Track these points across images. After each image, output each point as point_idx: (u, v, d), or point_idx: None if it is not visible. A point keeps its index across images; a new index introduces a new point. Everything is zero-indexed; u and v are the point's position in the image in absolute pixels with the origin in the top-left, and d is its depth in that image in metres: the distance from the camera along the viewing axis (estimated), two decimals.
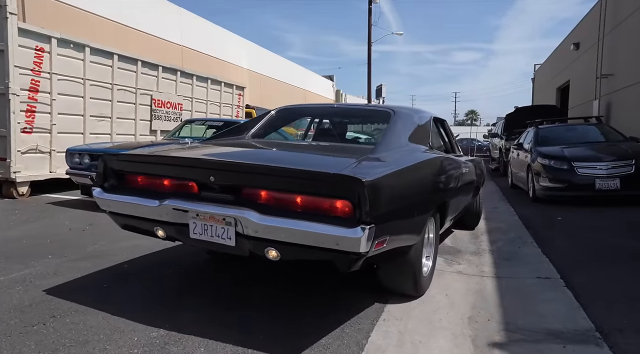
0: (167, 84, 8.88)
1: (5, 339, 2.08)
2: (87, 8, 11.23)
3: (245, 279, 3.04)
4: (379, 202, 1.95)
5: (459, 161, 3.66)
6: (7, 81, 5.78)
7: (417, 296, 2.69)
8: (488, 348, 2.10)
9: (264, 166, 2.18)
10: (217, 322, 2.30)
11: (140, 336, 2.13)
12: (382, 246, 2.01)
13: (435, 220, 2.94)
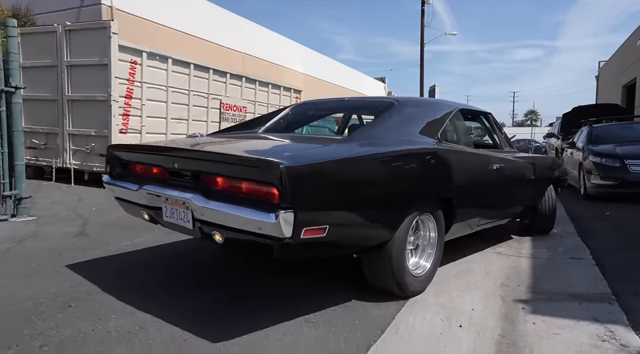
0: (233, 89, 9.82)
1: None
2: (163, 22, 12.59)
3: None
4: (303, 189, 1.92)
5: (489, 158, 3.33)
6: (109, 90, 6.89)
7: (404, 296, 2.56)
8: (514, 302, 2.56)
9: (205, 152, 2.40)
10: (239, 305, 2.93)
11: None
12: (320, 235, 1.99)
13: (437, 219, 2.76)
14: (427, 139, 2.83)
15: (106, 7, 11.24)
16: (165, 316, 2.24)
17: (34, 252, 3.39)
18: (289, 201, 1.84)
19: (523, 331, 2.18)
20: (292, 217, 1.83)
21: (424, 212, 2.65)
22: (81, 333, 2.06)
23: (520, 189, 3.89)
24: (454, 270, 3.15)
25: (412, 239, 2.65)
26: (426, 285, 2.73)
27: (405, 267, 2.52)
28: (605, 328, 2.18)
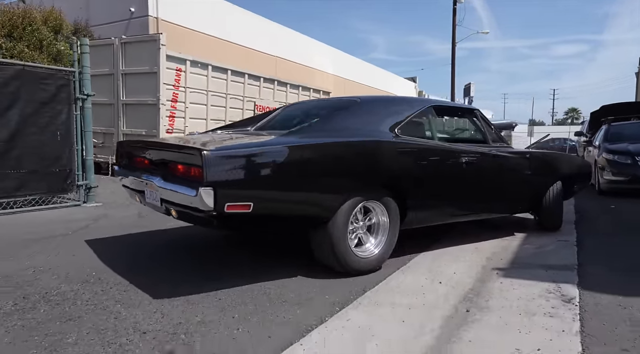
0: (266, 92, 10.63)
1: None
2: (201, 30, 13.62)
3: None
4: (222, 171, 2.30)
5: (458, 152, 3.47)
6: (158, 95, 7.82)
7: (347, 273, 2.84)
8: (491, 270, 3.11)
9: (165, 144, 3.01)
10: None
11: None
12: (245, 210, 2.37)
13: (387, 206, 3.01)
14: (380, 133, 3.07)
15: (152, 19, 12.34)
16: (155, 275, 2.97)
17: (107, 228, 4.23)
18: (208, 179, 2.25)
19: (489, 287, 2.75)
20: (212, 192, 2.25)
21: (369, 199, 2.91)
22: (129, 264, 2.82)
23: (508, 184, 3.95)
24: (449, 248, 3.72)
25: (361, 223, 2.95)
26: (377, 265, 2.99)
27: (346, 247, 2.79)
28: (556, 285, 2.72)
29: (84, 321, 2.13)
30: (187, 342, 1.95)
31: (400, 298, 2.55)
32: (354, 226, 2.93)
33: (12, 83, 4.78)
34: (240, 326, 2.11)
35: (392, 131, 3.15)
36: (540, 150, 5.29)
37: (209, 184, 2.25)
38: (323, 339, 2.01)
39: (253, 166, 2.47)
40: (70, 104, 5.33)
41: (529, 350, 1.90)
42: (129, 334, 2.00)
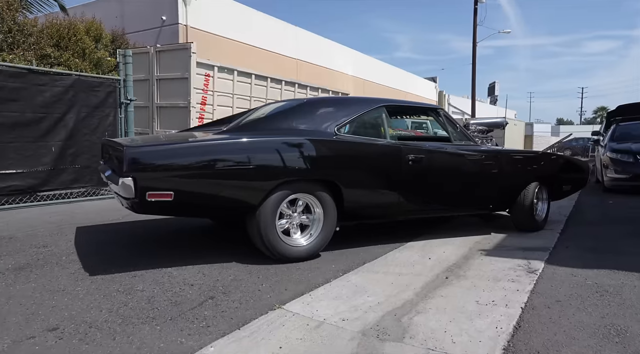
0: (287, 94, 11.27)
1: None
2: (227, 36, 14.41)
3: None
4: (141, 164, 2.67)
5: (403, 150, 3.50)
6: (189, 98, 8.57)
7: (280, 260, 3.08)
8: (477, 250, 3.63)
9: (112, 142, 3.33)
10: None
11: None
12: (167, 199, 2.71)
13: (320, 200, 3.17)
14: (316, 132, 3.23)
15: (182, 26, 13.19)
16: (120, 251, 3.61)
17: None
18: (128, 171, 2.63)
19: (470, 262, 3.29)
20: (132, 182, 2.60)
21: (298, 192, 3.10)
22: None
23: (468, 182, 3.94)
24: (444, 236, 4.25)
25: (295, 215, 3.17)
26: (308, 254, 3.18)
27: (275, 235, 3.02)
28: (527, 261, 3.24)
29: (145, 277, 2.79)
30: (224, 291, 2.58)
31: (393, 268, 3.12)
32: (287, 216, 3.16)
33: (69, 91, 5.56)
34: (264, 283, 2.73)
35: (332, 130, 3.29)
36: (517, 149, 5.27)
37: (128, 175, 2.63)
38: (327, 291, 2.61)
39: (173, 160, 2.80)
40: (116, 108, 6.10)
41: (486, 302, 2.45)
42: (181, 286, 2.65)
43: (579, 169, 4.93)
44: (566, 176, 4.70)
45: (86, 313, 2.23)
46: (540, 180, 4.31)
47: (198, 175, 2.83)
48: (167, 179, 2.75)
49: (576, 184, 4.90)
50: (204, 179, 2.85)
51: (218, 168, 2.88)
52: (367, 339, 2.01)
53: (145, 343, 1.94)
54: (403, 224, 4.34)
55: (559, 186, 4.60)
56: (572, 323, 2.13)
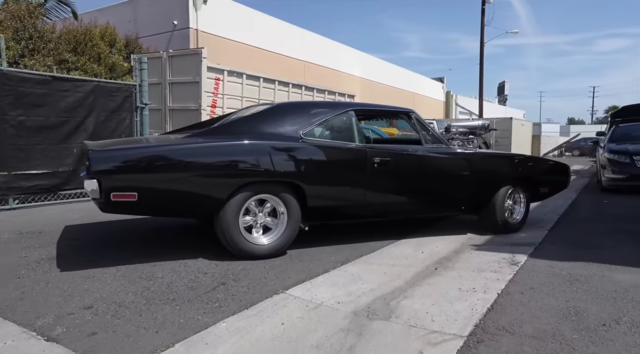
0: (295, 96, 11.59)
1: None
2: (236, 39, 14.80)
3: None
4: (105, 166, 2.83)
5: (368, 152, 3.60)
6: (200, 101, 8.93)
7: (240, 257, 3.21)
8: (468, 245, 3.90)
9: (85, 145, 3.44)
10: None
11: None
12: (131, 199, 2.86)
13: (284, 200, 3.30)
14: (280, 136, 3.37)
15: (193, 30, 13.60)
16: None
17: None
18: (92, 172, 2.82)
19: (460, 256, 3.57)
20: (97, 183, 2.78)
21: (263, 192, 3.25)
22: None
23: (435, 184, 4.01)
24: (438, 233, 4.52)
25: (260, 215, 3.30)
26: (276, 250, 3.33)
27: (238, 234, 3.16)
28: (512, 255, 3.51)
29: (164, 266, 3.13)
30: (234, 279, 2.90)
31: (387, 260, 3.42)
32: (253, 214, 3.29)
33: (89, 96, 5.94)
34: (269, 272, 3.05)
35: (298, 134, 3.42)
36: (490, 152, 5.30)
37: (93, 176, 2.82)
38: (326, 279, 2.92)
39: (135, 162, 2.96)
40: (132, 111, 6.48)
41: (467, 289, 2.74)
42: (195, 274, 2.98)
43: (557, 172, 4.91)
44: (543, 178, 4.68)
45: (115, 295, 2.57)
46: (513, 182, 4.33)
47: (161, 177, 2.99)
48: (130, 180, 2.91)
49: (555, 186, 4.86)
50: (167, 181, 3.00)
51: (180, 170, 3.02)
52: (358, 318, 2.31)
53: (167, 319, 2.27)
54: (401, 222, 4.63)
55: (535, 189, 4.57)
56: (539, 306, 2.42)
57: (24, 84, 5.31)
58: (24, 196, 5.38)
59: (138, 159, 3.01)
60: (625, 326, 2.13)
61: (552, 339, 2.00)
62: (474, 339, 2.03)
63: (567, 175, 4.95)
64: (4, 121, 5.15)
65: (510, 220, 4.39)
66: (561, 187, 4.93)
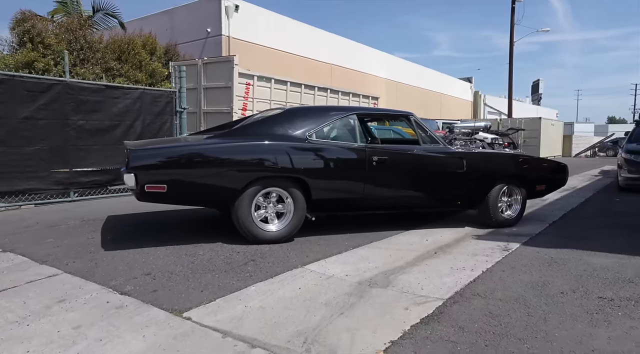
0: (320, 99, 12.17)
1: None
2: (265, 44, 15.55)
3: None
4: (140, 162, 3.40)
5: (367, 152, 4.01)
6: (232, 105, 9.65)
7: (257, 242, 3.71)
8: (471, 236, 4.33)
9: (125, 144, 4.05)
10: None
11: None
12: (161, 190, 3.39)
13: (291, 193, 3.77)
14: (289, 137, 3.83)
15: (225, 37, 14.43)
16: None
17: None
18: (130, 167, 3.40)
19: (460, 243, 4.02)
20: (134, 177, 3.34)
21: (272, 186, 3.72)
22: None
23: (432, 181, 4.36)
24: (446, 225, 4.96)
25: (270, 205, 3.78)
26: (284, 236, 3.80)
27: (251, 222, 3.67)
28: (507, 243, 3.94)
29: (204, 246, 3.75)
30: (262, 256, 3.49)
31: (394, 246, 3.92)
32: (263, 206, 3.79)
33: (136, 102, 6.71)
34: (291, 252, 3.62)
35: (304, 135, 3.90)
36: (485, 151, 5.51)
37: (131, 170, 3.40)
38: (338, 258, 3.47)
39: (165, 158, 3.55)
40: (172, 115, 7.22)
41: (458, 268, 3.21)
42: (230, 253, 3.59)
43: (554, 170, 5.12)
44: (538, 176, 4.88)
45: (167, 266, 3.21)
46: (508, 181, 4.59)
47: (186, 172, 3.54)
48: (160, 174, 3.48)
49: (551, 184, 5.07)
50: (191, 175, 3.55)
51: (202, 166, 3.57)
52: (361, 286, 2.84)
53: (209, 283, 2.87)
54: (412, 215, 5.10)
55: (531, 187, 4.78)
56: (514, 280, 2.87)
57: (82, 93, 6.12)
58: (82, 190, 6.19)
59: (167, 157, 3.59)
60: (579, 293, 2.56)
61: (514, 301, 2.47)
62: (452, 300, 2.53)
63: (563, 173, 5.16)
64: (66, 125, 5.97)
65: (505, 216, 4.69)
66: (558, 185, 5.17)
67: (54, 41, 10.25)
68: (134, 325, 2.23)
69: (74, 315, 2.35)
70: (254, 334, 2.14)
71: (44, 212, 5.33)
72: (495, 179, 4.56)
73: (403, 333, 2.13)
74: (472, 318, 2.27)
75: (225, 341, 2.08)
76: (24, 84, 5.63)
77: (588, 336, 2.04)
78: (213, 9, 14.53)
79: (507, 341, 2.00)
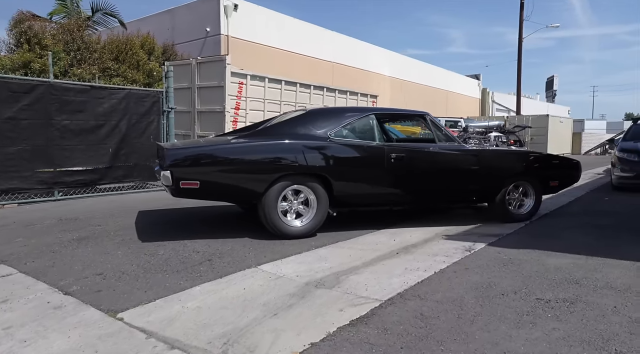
0: (316, 98, 12.14)
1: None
2: (265, 43, 15.57)
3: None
4: (176, 160, 3.68)
5: (385, 150, 4.21)
6: (224, 104, 9.68)
7: (283, 237, 3.91)
8: (441, 236, 4.27)
9: (159, 145, 4.32)
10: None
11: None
12: (194, 186, 3.66)
13: (313, 189, 3.98)
14: (312, 136, 4.06)
15: (224, 36, 14.48)
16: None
17: (179, 204, 6.00)
18: (167, 166, 3.68)
19: (427, 244, 3.96)
20: (170, 174, 3.63)
21: (297, 183, 3.94)
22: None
23: (448, 177, 4.51)
24: (422, 225, 4.91)
25: (295, 202, 4.00)
26: (308, 231, 4.01)
27: (276, 217, 3.89)
28: (473, 244, 3.87)
29: (166, 246, 3.77)
30: (219, 256, 3.49)
31: (359, 245, 3.89)
32: (288, 202, 4.01)
33: (122, 102, 6.78)
34: (251, 252, 3.61)
35: (326, 134, 4.12)
36: (499, 149, 5.67)
37: (167, 168, 3.67)
38: (296, 258, 3.45)
39: (198, 158, 3.83)
40: (159, 115, 7.27)
41: (412, 268, 3.17)
42: (190, 252, 3.60)
43: (567, 167, 5.25)
44: (551, 173, 5.04)
45: (122, 266, 3.23)
46: (521, 177, 4.79)
47: (217, 170, 3.82)
48: (194, 172, 3.75)
49: (564, 180, 5.20)
50: (222, 173, 3.82)
51: (231, 164, 3.84)
52: (307, 287, 2.83)
53: (157, 283, 2.88)
54: (392, 214, 5.08)
55: (544, 183, 4.94)
56: (461, 281, 2.82)
57: (67, 93, 6.20)
58: (66, 189, 6.28)
59: (200, 156, 3.87)
60: (519, 295, 2.51)
61: (451, 303, 2.43)
62: (389, 302, 2.49)
63: (576, 170, 5.28)
64: (50, 125, 6.06)
65: (520, 211, 4.86)
66: (571, 181, 5.28)
67: (50, 42, 10.42)
68: (64, 326, 2.25)
69: (10, 315, 2.38)
70: (178, 335, 2.15)
71: (25, 211, 5.43)
72: (509, 175, 4.72)
73: (326, 335, 2.11)
74: (400, 319, 2.24)
75: (148, 341, 2.08)
76: (8, 85, 5.73)
77: (507, 338, 1.99)
78: (212, 8, 14.59)
79: (425, 343, 1.97)
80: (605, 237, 4.04)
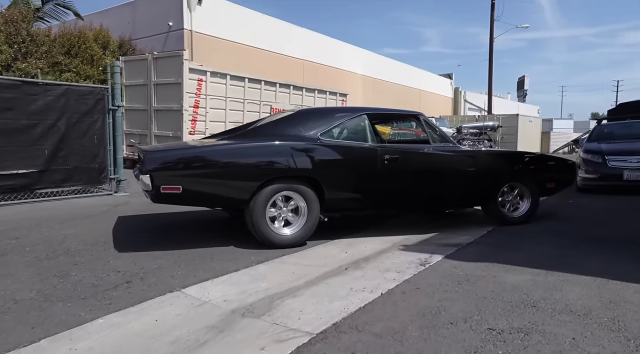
0: (282, 96, 11.72)
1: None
2: (230, 38, 14.99)
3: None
4: (156, 164, 3.45)
5: (378, 151, 4.02)
6: (182, 102, 9.15)
7: (271, 246, 3.65)
8: (398, 246, 3.93)
9: (139, 147, 4.00)
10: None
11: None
12: (176, 191, 3.42)
13: (303, 194, 3.74)
14: (301, 137, 3.83)
15: (187, 31, 13.85)
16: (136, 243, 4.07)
17: (122, 211, 5.49)
18: (146, 169, 3.42)
19: (381, 256, 3.62)
20: (150, 179, 3.36)
21: (286, 188, 3.70)
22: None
23: (444, 179, 4.35)
24: (382, 234, 4.59)
25: (284, 209, 3.76)
26: (298, 240, 3.76)
27: (265, 225, 3.62)
28: (429, 256, 3.55)
29: (84, 264, 3.29)
30: (142, 277, 3.04)
31: (305, 260, 3.50)
32: (277, 209, 3.75)
33: (60, 99, 6.18)
34: (180, 271, 3.17)
35: (316, 136, 3.90)
36: (494, 150, 5.77)
37: (146, 172, 3.41)
38: (230, 278, 3.05)
39: (180, 161, 3.59)
40: (104, 113, 6.69)
41: (358, 288, 2.81)
42: (108, 272, 3.14)
43: (563, 169, 5.16)
44: (547, 175, 4.92)
45: (18, 293, 2.74)
46: (516, 179, 4.67)
47: (200, 174, 3.56)
48: (176, 176, 3.49)
49: (561, 182, 5.08)
50: (206, 177, 3.57)
51: (216, 168, 3.58)
52: (233, 315, 2.43)
53: (51, 315, 2.42)
54: (354, 220, 4.75)
55: (541, 184, 4.80)
56: (408, 305, 2.48)
57: None
58: None
59: (182, 159, 3.64)
60: (470, 323, 2.18)
61: (390, 336, 2.08)
62: (320, 336, 2.12)
63: (573, 172, 5.24)
64: None
65: (515, 214, 4.75)
66: (568, 183, 5.16)
67: None
68: None
69: None
70: None
71: None
72: (504, 177, 4.63)
73: None
74: None
75: None
76: None
77: None
78: (174, 1, 13.93)
79: None
80: (566, 248, 3.79)
